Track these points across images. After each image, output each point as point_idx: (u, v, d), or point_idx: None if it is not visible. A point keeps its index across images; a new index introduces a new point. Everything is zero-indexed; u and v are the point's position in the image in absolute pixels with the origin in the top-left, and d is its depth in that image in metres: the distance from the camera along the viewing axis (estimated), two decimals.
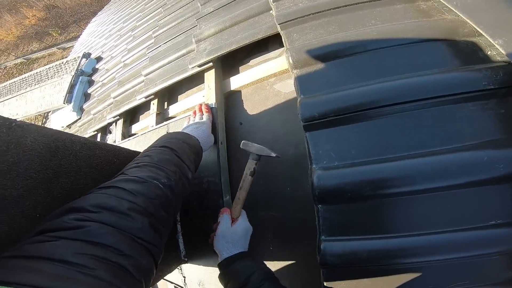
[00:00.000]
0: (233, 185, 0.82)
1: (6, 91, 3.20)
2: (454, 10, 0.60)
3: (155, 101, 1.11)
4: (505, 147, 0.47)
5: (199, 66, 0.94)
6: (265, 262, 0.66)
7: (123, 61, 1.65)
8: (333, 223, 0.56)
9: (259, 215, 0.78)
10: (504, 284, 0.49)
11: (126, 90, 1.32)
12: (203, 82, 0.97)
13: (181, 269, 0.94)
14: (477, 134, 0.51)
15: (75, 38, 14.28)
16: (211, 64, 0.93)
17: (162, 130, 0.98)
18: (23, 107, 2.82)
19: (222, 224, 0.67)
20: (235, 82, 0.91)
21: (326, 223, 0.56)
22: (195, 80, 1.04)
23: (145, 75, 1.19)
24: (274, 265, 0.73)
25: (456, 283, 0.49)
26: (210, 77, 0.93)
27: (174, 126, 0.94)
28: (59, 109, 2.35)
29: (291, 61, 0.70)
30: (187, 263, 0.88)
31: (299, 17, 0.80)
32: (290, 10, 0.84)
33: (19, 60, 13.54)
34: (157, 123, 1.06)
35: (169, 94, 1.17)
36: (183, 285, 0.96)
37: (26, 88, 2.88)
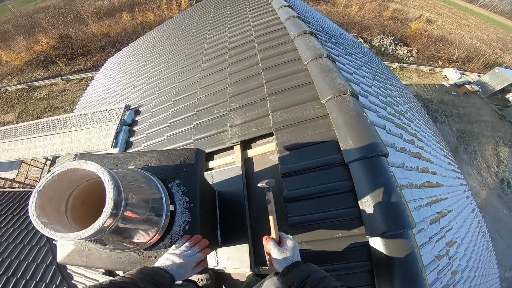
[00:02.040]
0: (249, 202, 1.62)
1: (47, 126, 3.68)
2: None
3: None
4: (339, 181, 1.36)
5: (234, 143, 1.82)
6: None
7: (169, 123, 2.50)
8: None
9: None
10: (357, 235, 1.23)
11: (179, 147, 2.16)
12: (231, 149, 1.84)
13: (216, 252, 1.67)
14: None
15: (80, 71, 14.82)
16: (239, 142, 1.82)
17: (207, 175, 1.80)
18: (67, 144, 3.32)
19: (273, 250, 0.81)
20: (250, 153, 1.78)
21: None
22: (226, 148, 1.91)
23: (195, 140, 2.05)
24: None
25: (335, 234, 1.30)
26: (237, 148, 1.80)
27: (216, 174, 1.77)
28: (100, 152, 2.84)
29: (277, 149, 1.59)
30: (221, 247, 1.62)
31: (284, 126, 1.72)
32: (279, 119, 1.77)
33: (21, 86, 13.66)
34: None
35: (208, 154, 1.99)
36: (215, 264, 1.66)
37: (71, 127, 3.43)
